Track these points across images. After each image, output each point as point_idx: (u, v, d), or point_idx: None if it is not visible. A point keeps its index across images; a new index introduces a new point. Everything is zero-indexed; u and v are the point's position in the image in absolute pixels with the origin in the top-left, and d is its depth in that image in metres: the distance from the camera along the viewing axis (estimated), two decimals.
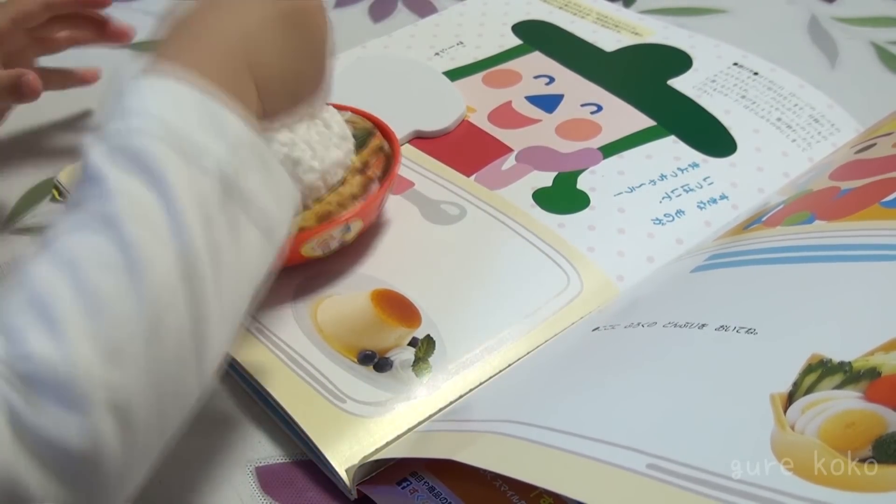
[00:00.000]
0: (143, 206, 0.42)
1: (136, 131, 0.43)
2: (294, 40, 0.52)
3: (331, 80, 0.55)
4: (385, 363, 0.57)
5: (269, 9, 0.51)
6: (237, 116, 0.46)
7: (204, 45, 0.49)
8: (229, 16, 0.50)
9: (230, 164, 0.44)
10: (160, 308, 0.41)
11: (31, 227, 0.70)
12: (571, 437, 0.44)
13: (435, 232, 0.66)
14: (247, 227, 0.45)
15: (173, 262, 0.41)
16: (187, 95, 0.45)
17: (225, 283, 0.43)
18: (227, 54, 0.49)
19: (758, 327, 0.46)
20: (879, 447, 0.37)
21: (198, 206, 0.42)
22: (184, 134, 0.43)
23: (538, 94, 0.80)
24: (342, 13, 0.96)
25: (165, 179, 0.42)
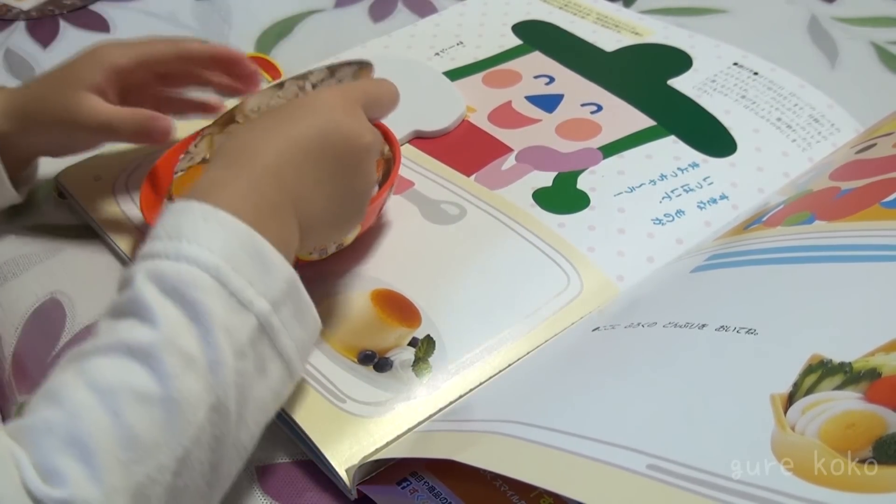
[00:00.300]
0: (184, 339, 0.43)
1: (184, 259, 0.45)
2: (341, 188, 0.54)
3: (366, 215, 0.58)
4: (385, 363, 0.57)
5: (321, 150, 0.53)
6: (279, 254, 0.48)
7: (256, 179, 0.50)
8: (284, 155, 0.52)
9: (269, 301, 0.46)
10: (190, 442, 0.42)
11: (31, 226, 0.70)
12: (571, 438, 0.44)
13: (435, 232, 0.66)
14: (274, 360, 0.47)
15: (206, 397, 0.43)
16: (237, 230, 0.47)
17: (247, 416, 0.46)
18: (276, 193, 0.50)
19: (758, 328, 0.46)
20: (880, 448, 0.37)
21: (233, 341, 0.44)
22: (230, 270, 0.45)
23: (538, 94, 0.80)
24: (342, 13, 0.96)
25: (207, 314, 0.44)
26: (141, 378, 0.42)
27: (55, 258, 0.67)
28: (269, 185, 0.51)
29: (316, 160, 0.53)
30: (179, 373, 0.42)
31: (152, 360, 0.42)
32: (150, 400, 0.42)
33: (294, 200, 0.51)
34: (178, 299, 0.44)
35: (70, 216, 0.71)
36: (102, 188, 0.71)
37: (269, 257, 0.47)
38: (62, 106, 0.63)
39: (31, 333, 0.62)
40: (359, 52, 0.86)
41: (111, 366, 0.43)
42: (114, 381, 0.42)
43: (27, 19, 0.95)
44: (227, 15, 0.95)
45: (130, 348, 0.43)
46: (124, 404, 0.41)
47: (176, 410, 0.42)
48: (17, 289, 0.65)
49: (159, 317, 0.43)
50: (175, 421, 0.42)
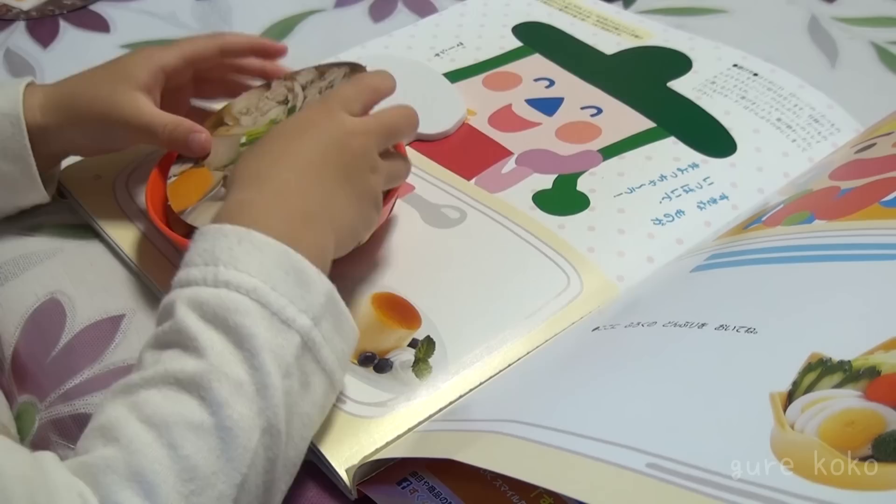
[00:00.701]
0: (231, 365, 0.44)
1: (223, 285, 0.46)
2: (356, 187, 0.56)
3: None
4: (385, 364, 0.57)
5: (325, 160, 0.55)
6: (318, 270, 0.49)
7: (281, 194, 0.52)
8: (297, 170, 0.54)
9: (311, 318, 0.47)
10: (247, 468, 0.43)
11: (31, 226, 0.70)
12: (571, 437, 0.44)
13: (435, 235, 0.66)
14: (316, 374, 0.48)
15: (257, 421, 0.43)
16: (272, 249, 0.48)
17: (295, 432, 0.46)
18: (304, 203, 0.52)
19: (758, 326, 0.46)
20: (879, 446, 0.37)
21: (279, 361, 0.45)
22: (269, 290, 0.46)
23: (538, 98, 0.80)
24: (342, 13, 0.96)
25: (252, 338, 0.44)
26: (193, 409, 0.43)
27: (55, 258, 0.67)
28: (296, 198, 0.52)
29: (326, 166, 0.54)
30: (230, 400, 0.43)
31: (202, 389, 0.43)
32: (205, 430, 0.42)
33: (322, 207, 0.53)
34: (221, 326, 0.45)
35: (70, 216, 0.71)
36: (102, 188, 0.71)
37: (307, 273, 0.48)
38: (109, 101, 0.63)
39: (31, 333, 0.62)
40: (358, 52, 0.86)
41: (162, 398, 0.43)
42: (167, 413, 0.43)
43: (27, 19, 0.95)
44: (227, 15, 0.95)
45: (179, 379, 0.43)
46: (179, 437, 0.42)
47: (230, 438, 0.42)
48: (17, 289, 0.65)
49: (205, 345, 0.44)
50: (230, 449, 0.42)
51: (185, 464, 0.42)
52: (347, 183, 0.55)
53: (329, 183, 0.54)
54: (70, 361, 0.60)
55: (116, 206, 0.70)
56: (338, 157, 0.55)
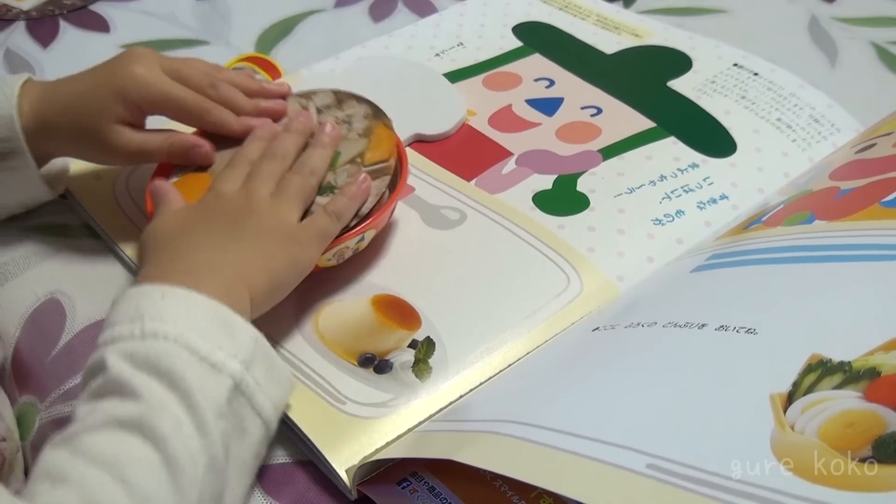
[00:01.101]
0: (169, 404, 0.44)
1: (150, 336, 0.46)
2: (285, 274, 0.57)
3: None
4: (385, 365, 0.57)
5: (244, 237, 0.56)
6: (240, 316, 0.49)
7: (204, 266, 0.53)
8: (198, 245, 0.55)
9: (241, 363, 0.48)
10: (196, 498, 0.43)
11: (31, 226, 0.70)
12: (571, 437, 0.44)
13: (435, 237, 0.66)
14: (252, 420, 0.48)
15: (200, 455, 0.44)
16: (195, 300, 0.49)
17: (232, 477, 0.46)
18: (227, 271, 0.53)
19: (758, 327, 0.46)
20: (879, 447, 0.37)
21: (213, 402, 0.45)
22: (196, 337, 0.47)
23: (538, 98, 0.80)
24: (342, 13, 0.96)
25: (184, 380, 0.45)
26: (138, 446, 0.43)
27: (55, 258, 0.67)
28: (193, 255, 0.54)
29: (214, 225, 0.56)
30: (173, 435, 0.43)
31: (144, 427, 0.43)
32: (153, 463, 0.43)
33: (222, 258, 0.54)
34: (153, 372, 0.45)
35: (70, 216, 0.71)
36: (102, 188, 0.71)
37: (232, 319, 0.49)
38: (92, 139, 0.62)
39: (31, 333, 0.62)
40: (359, 52, 0.86)
41: (106, 440, 0.43)
42: (112, 452, 0.43)
43: (27, 19, 0.95)
44: (227, 15, 0.95)
45: (120, 421, 0.44)
46: (130, 471, 0.42)
47: (179, 470, 0.43)
48: (17, 289, 0.65)
49: (139, 389, 0.44)
50: (180, 481, 0.43)
51: (141, 497, 0.42)
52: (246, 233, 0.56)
53: (226, 238, 0.55)
54: (70, 361, 0.60)
55: (116, 206, 0.70)
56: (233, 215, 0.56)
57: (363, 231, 0.61)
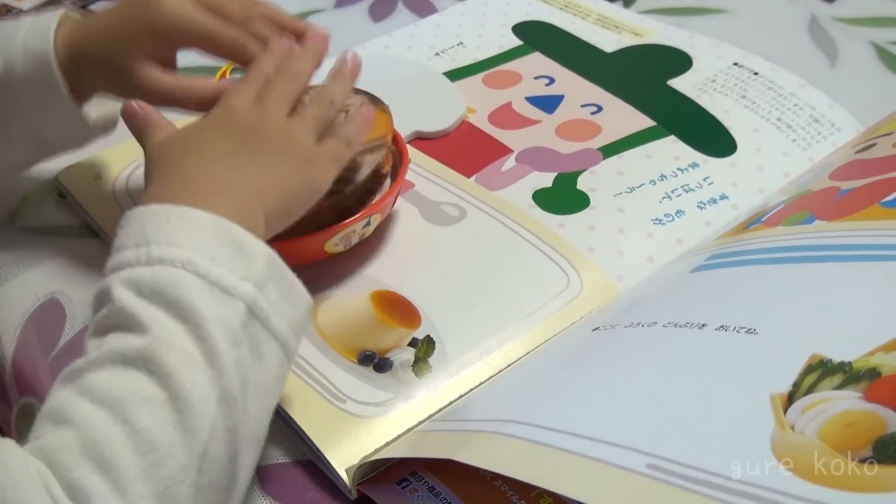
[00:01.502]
0: (176, 337, 0.43)
1: (157, 262, 0.44)
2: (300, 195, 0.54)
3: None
4: (385, 363, 0.57)
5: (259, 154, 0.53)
6: (256, 237, 0.47)
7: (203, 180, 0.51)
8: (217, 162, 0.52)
9: (252, 284, 0.45)
10: (206, 437, 0.42)
11: (31, 226, 0.70)
12: (571, 437, 0.44)
13: (435, 233, 0.66)
14: (268, 343, 0.46)
15: (211, 390, 0.42)
16: (203, 220, 0.47)
17: (252, 402, 0.45)
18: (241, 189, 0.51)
19: (758, 327, 0.46)
20: (879, 447, 0.37)
21: (226, 330, 0.44)
22: (205, 261, 0.45)
23: (538, 95, 0.80)
24: (342, 13, 0.96)
25: (194, 308, 0.43)
26: (143, 383, 0.42)
27: (55, 258, 0.67)
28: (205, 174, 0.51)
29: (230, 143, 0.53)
30: (180, 370, 0.42)
31: (150, 363, 0.42)
32: (158, 402, 0.41)
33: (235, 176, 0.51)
34: (160, 301, 0.44)
35: (70, 216, 0.71)
36: (102, 188, 0.71)
37: (243, 239, 0.47)
38: (121, 76, 0.60)
39: (31, 333, 0.62)
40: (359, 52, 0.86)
41: (110, 377, 0.42)
42: (116, 390, 0.42)
43: None
44: None
45: (125, 357, 0.42)
46: (133, 411, 0.41)
47: (185, 408, 0.41)
48: (17, 289, 0.65)
49: (146, 321, 0.43)
50: (187, 419, 0.41)
51: (143, 437, 0.40)
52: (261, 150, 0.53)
53: (239, 154, 0.52)
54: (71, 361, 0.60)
55: (116, 206, 0.70)
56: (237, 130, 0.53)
57: (369, 215, 0.61)
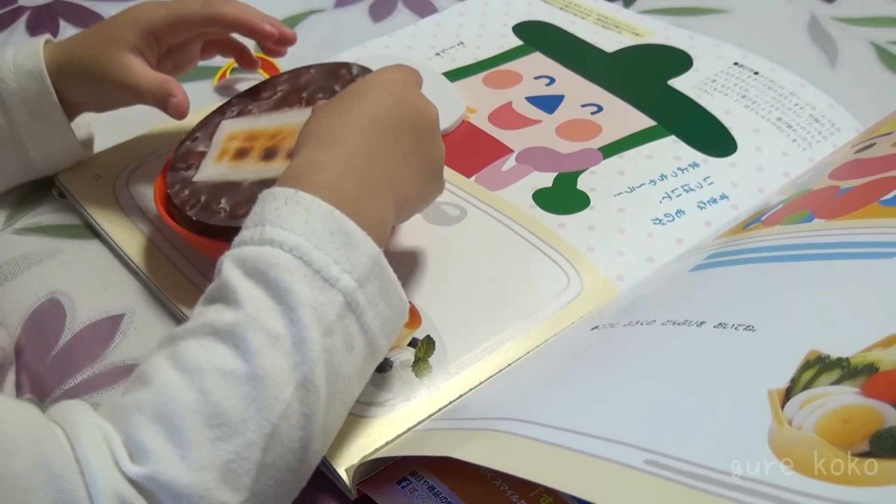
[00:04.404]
0: (267, 317, 0.44)
1: (266, 242, 0.46)
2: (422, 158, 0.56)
3: None
4: (385, 363, 0.57)
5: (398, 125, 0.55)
6: (365, 234, 0.48)
7: (351, 158, 0.52)
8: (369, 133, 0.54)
9: (355, 280, 0.47)
10: (278, 419, 0.43)
11: (31, 226, 0.70)
12: (570, 434, 0.44)
13: (435, 233, 0.66)
14: (359, 337, 0.47)
15: (293, 375, 0.44)
16: (318, 209, 0.48)
17: (335, 392, 0.46)
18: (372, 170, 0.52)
19: (756, 324, 0.46)
20: (877, 442, 0.37)
21: (320, 319, 0.45)
22: (312, 248, 0.46)
23: (539, 95, 0.80)
24: (342, 13, 0.96)
25: (292, 293, 0.45)
26: (226, 357, 0.43)
27: (55, 258, 0.67)
28: (365, 163, 0.52)
29: (396, 135, 0.54)
30: (265, 350, 0.43)
31: (237, 339, 0.43)
32: (237, 377, 0.43)
33: (387, 175, 0.53)
34: (261, 280, 0.45)
35: (70, 216, 0.71)
36: (102, 188, 0.71)
37: (353, 234, 0.48)
38: (98, 62, 0.65)
39: (31, 333, 0.62)
40: (359, 52, 0.86)
41: (198, 347, 0.44)
42: (200, 360, 0.43)
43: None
44: None
45: (216, 329, 0.44)
46: (210, 382, 0.42)
47: (262, 387, 0.43)
48: (17, 289, 0.65)
49: (243, 298, 0.44)
50: (262, 398, 0.43)
51: (214, 409, 0.42)
52: (416, 154, 0.55)
53: (398, 152, 0.54)
54: (71, 361, 0.60)
55: (116, 206, 0.70)
56: (411, 127, 0.55)
57: None
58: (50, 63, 0.66)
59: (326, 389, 0.45)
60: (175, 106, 0.64)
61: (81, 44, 0.67)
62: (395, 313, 0.50)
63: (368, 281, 0.48)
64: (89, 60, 0.66)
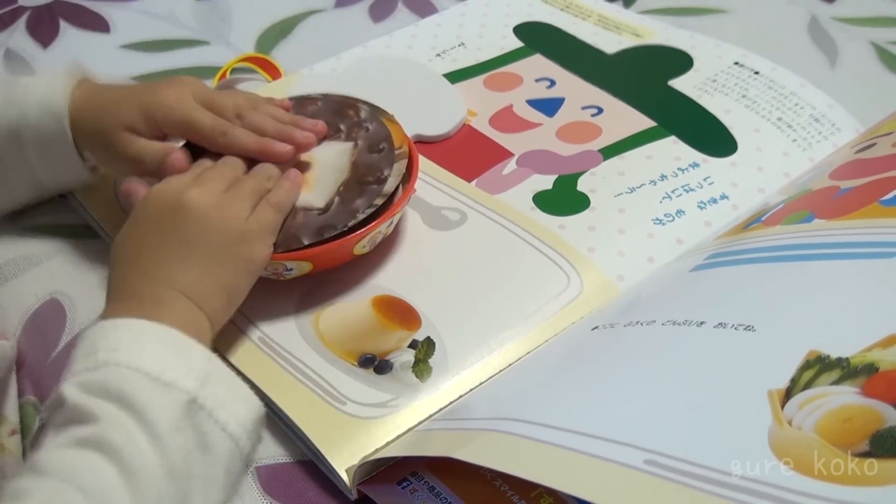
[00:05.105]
0: (122, 421, 0.46)
1: (104, 364, 0.48)
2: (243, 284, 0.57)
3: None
4: (385, 365, 0.57)
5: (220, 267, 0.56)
6: (194, 340, 0.50)
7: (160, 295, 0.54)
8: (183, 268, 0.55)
9: (195, 379, 0.48)
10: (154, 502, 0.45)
11: (31, 226, 0.70)
12: (570, 434, 0.44)
13: (436, 237, 0.66)
14: (215, 432, 0.49)
15: (157, 468, 0.45)
16: (142, 327, 0.50)
17: (196, 492, 0.47)
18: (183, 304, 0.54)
19: (756, 324, 0.46)
20: (877, 442, 0.37)
21: (168, 416, 0.46)
22: (148, 360, 0.48)
23: (539, 98, 0.80)
24: (342, 13, 0.96)
25: (134, 398, 0.46)
26: (95, 460, 0.44)
27: (55, 258, 0.67)
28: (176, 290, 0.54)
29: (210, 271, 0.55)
30: (127, 446, 0.45)
31: (101, 443, 0.45)
32: (110, 473, 0.44)
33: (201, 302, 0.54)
34: (105, 395, 0.46)
35: (70, 216, 0.71)
36: (102, 188, 0.71)
37: (184, 342, 0.50)
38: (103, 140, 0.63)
39: (31, 333, 0.62)
40: (359, 52, 0.86)
41: (64, 457, 0.45)
42: (71, 466, 0.44)
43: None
44: (226, 15, 0.95)
45: (78, 440, 0.45)
46: (88, 479, 0.44)
47: (134, 477, 0.44)
48: (17, 289, 0.65)
49: (94, 411, 0.46)
50: (138, 486, 0.44)
51: (99, 498, 0.43)
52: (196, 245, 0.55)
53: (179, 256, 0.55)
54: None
55: (116, 206, 0.70)
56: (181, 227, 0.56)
57: (392, 215, 0.62)
58: (77, 109, 0.64)
59: (186, 487, 0.46)
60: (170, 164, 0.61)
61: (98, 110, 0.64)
62: (247, 409, 0.51)
63: (211, 380, 0.49)
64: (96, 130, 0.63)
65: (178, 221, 0.56)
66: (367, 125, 0.67)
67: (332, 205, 0.61)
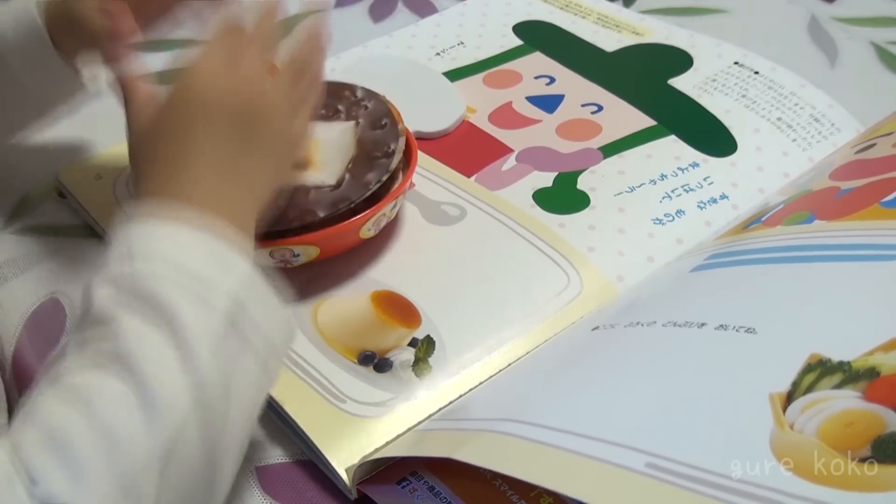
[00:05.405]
0: (155, 344, 0.43)
1: (141, 274, 0.45)
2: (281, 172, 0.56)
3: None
4: (385, 363, 0.57)
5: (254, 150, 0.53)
6: (239, 253, 0.47)
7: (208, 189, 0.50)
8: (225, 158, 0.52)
9: (234, 299, 0.46)
10: (173, 441, 0.42)
11: (31, 226, 0.70)
12: (570, 436, 0.43)
13: (435, 233, 0.66)
14: (247, 356, 0.46)
15: (185, 396, 0.42)
16: (193, 237, 0.47)
17: (231, 412, 0.45)
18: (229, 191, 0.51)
19: (757, 327, 0.46)
20: (878, 447, 0.37)
21: (206, 340, 0.44)
22: (191, 273, 0.45)
23: (539, 95, 0.80)
24: (342, 13, 0.96)
25: (176, 318, 0.43)
26: (113, 383, 0.42)
27: (55, 258, 0.67)
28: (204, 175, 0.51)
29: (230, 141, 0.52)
30: (154, 377, 0.42)
31: (125, 368, 0.42)
32: (128, 404, 0.41)
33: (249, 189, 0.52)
34: (138, 304, 0.44)
35: (70, 216, 0.71)
36: (102, 188, 0.71)
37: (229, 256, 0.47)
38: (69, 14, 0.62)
39: (31, 333, 0.62)
40: (359, 52, 0.86)
41: (85, 378, 0.43)
42: (90, 390, 0.42)
43: None
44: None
45: (101, 360, 0.43)
46: (99, 406, 0.41)
47: (154, 412, 0.41)
48: (17, 289, 0.65)
49: (126, 328, 0.43)
50: (154, 422, 0.41)
51: (106, 434, 0.41)
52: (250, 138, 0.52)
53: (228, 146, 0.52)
54: None
55: (116, 206, 0.70)
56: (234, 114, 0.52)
57: (396, 197, 0.62)
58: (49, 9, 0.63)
59: (222, 407, 0.44)
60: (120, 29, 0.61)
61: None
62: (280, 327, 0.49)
63: (248, 298, 0.46)
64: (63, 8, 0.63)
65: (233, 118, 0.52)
66: (366, 103, 0.68)
67: (344, 181, 0.62)
